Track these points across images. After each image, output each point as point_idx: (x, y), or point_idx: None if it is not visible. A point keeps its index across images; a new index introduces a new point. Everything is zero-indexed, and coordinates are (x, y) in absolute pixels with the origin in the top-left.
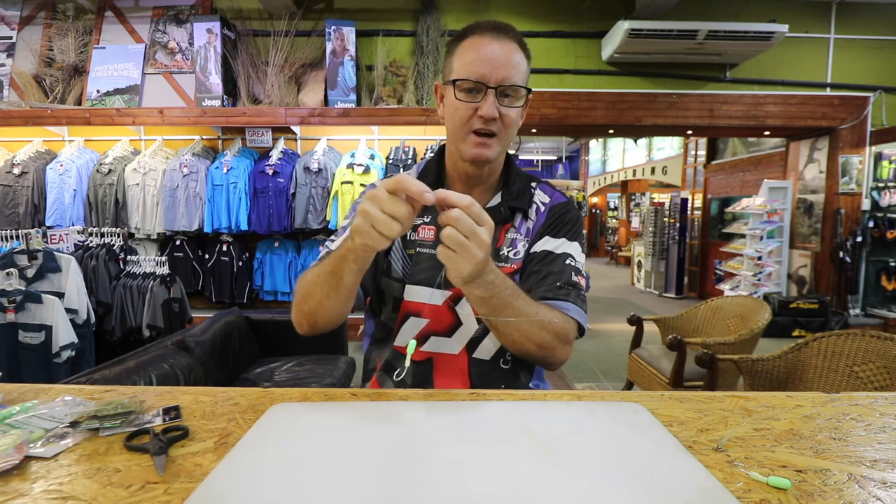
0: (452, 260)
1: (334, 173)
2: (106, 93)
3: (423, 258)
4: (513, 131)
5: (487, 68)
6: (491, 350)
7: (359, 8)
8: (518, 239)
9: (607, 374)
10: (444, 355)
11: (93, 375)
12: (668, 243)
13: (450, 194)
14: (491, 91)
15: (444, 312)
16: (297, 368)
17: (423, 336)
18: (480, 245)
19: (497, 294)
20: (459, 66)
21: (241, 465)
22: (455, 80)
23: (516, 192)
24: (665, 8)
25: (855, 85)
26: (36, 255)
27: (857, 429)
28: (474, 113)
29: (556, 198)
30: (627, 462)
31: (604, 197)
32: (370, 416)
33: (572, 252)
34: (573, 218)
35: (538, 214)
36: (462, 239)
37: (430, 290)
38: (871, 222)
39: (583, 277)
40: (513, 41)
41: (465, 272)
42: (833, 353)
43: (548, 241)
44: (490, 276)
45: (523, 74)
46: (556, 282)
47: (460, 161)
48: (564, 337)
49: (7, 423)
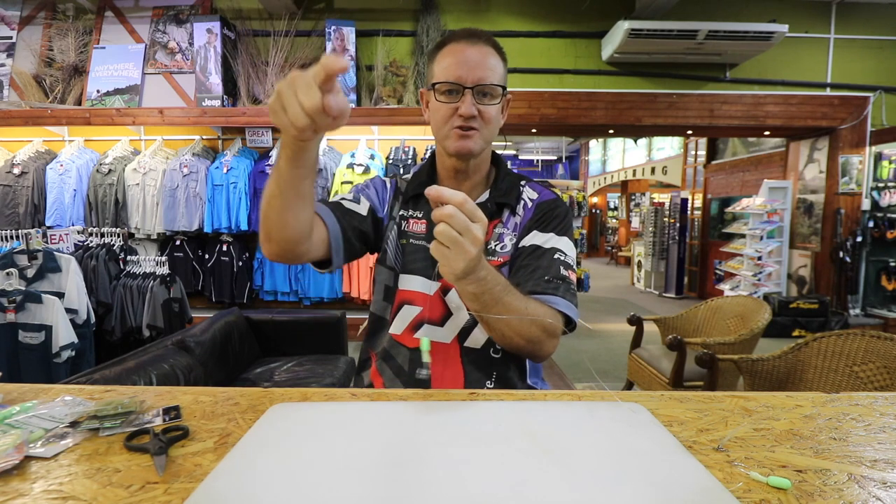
0: (446, 256)
1: (334, 173)
2: (106, 93)
3: (416, 248)
4: (493, 127)
5: (464, 70)
6: (481, 340)
7: (359, 8)
8: (505, 233)
9: (607, 374)
10: (437, 344)
11: (93, 375)
12: (668, 243)
13: (443, 191)
14: (468, 91)
15: (436, 302)
16: (297, 368)
17: (415, 324)
18: (474, 242)
19: (489, 290)
20: (439, 71)
21: (241, 465)
22: (435, 84)
23: (504, 189)
24: (665, 8)
25: (855, 85)
26: (36, 255)
27: (857, 429)
28: (455, 112)
29: (544, 195)
30: (627, 462)
31: (604, 197)
32: (370, 416)
33: (561, 247)
34: (561, 213)
35: (525, 210)
36: (456, 235)
37: (422, 279)
38: (871, 222)
39: (572, 272)
40: (486, 45)
41: (458, 269)
42: (833, 353)
43: (536, 235)
44: (482, 273)
45: (499, 75)
46: (544, 276)
47: (447, 157)
48: (552, 331)
49: (7, 423)
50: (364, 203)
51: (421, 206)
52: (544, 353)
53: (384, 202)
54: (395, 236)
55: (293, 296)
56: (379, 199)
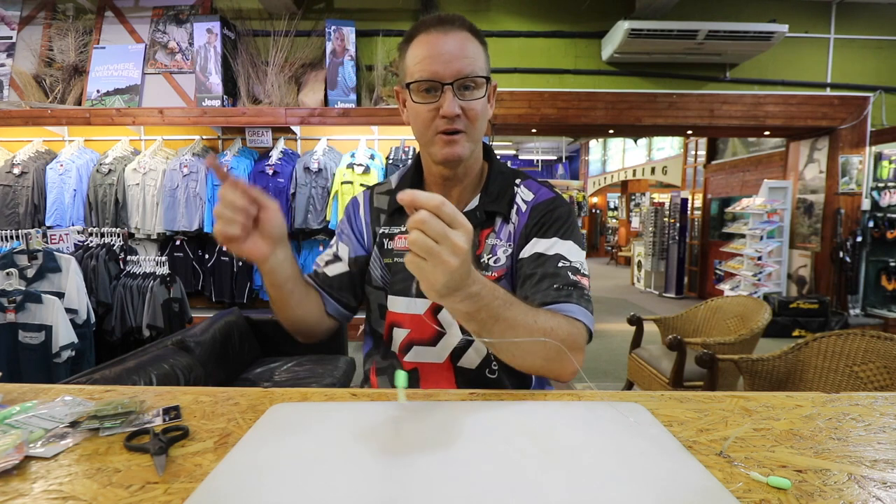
0: (423, 270)
1: (334, 173)
2: (106, 93)
3: (400, 267)
4: (481, 124)
5: (440, 64)
6: (475, 360)
7: (359, 8)
8: (498, 245)
9: (607, 374)
10: (430, 364)
11: (93, 375)
12: (668, 243)
13: (417, 194)
14: (448, 87)
15: (424, 322)
16: (297, 368)
17: (405, 345)
18: (454, 251)
19: (485, 307)
20: (412, 66)
21: (241, 465)
22: (409, 84)
23: (495, 194)
24: (665, 8)
25: (855, 85)
26: (36, 255)
27: (857, 429)
28: (436, 113)
29: (541, 194)
30: (627, 462)
31: (604, 197)
32: (370, 416)
33: (565, 252)
34: (562, 214)
35: (520, 215)
36: (431, 245)
37: (407, 299)
38: (871, 222)
39: (584, 276)
40: (461, 30)
41: (438, 283)
42: (833, 353)
43: (537, 242)
44: (474, 288)
45: (481, 63)
46: (552, 284)
47: (433, 164)
48: (573, 343)
49: (7, 423)
50: (343, 249)
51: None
52: (568, 371)
53: (363, 233)
54: (377, 255)
55: None
56: (357, 234)
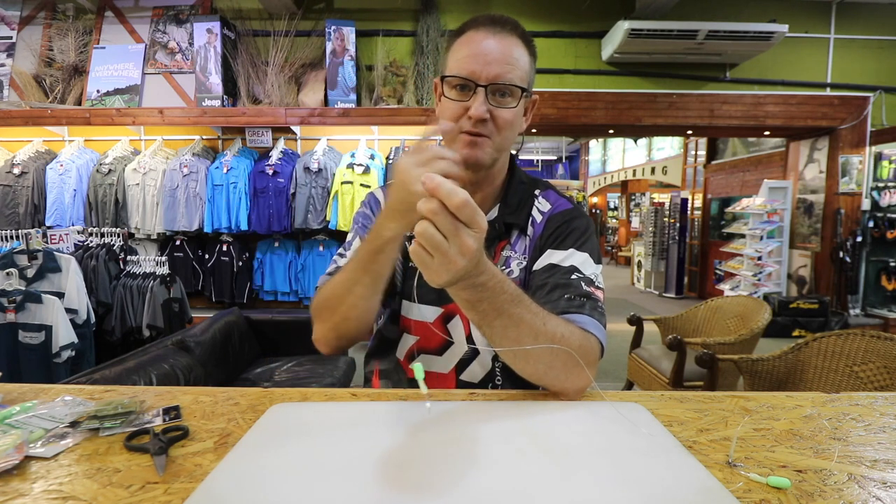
0: (426, 264)
1: (334, 173)
2: (106, 93)
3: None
4: (509, 134)
5: (479, 64)
6: (479, 374)
7: (359, 8)
8: (513, 257)
9: (607, 374)
10: (434, 374)
11: (93, 375)
12: (668, 243)
13: (442, 185)
14: (481, 89)
15: (433, 330)
16: (297, 368)
17: (412, 353)
18: (463, 251)
19: (489, 298)
20: (452, 62)
21: (241, 465)
22: (444, 77)
23: (514, 205)
24: (665, 8)
25: (855, 85)
26: (36, 255)
27: (857, 429)
28: (464, 112)
29: (558, 205)
30: (627, 462)
31: (604, 197)
32: (370, 417)
33: (579, 264)
34: (580, 226)
35: (535, 226)
36: (439, 240)
37: (418, 306)
38: (871, 222)
39: (598, 289)
40: (512, 34)
41: (440, 280)
42: (833, 353)
43: (552, 254)
44: (481, 278)
45: (522, 72)
46: (564, 294)
47: None
48: (586, 355)
49: (7, 423)
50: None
51: None
52: (576, 385)
53: None
54: (400, 257)
55: (293, 296)
56: None
